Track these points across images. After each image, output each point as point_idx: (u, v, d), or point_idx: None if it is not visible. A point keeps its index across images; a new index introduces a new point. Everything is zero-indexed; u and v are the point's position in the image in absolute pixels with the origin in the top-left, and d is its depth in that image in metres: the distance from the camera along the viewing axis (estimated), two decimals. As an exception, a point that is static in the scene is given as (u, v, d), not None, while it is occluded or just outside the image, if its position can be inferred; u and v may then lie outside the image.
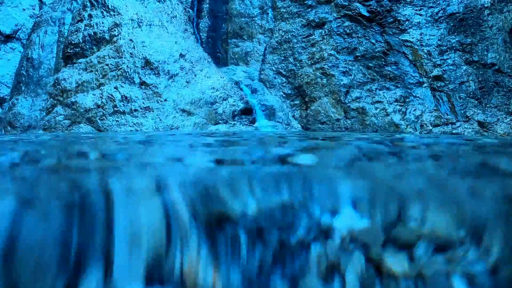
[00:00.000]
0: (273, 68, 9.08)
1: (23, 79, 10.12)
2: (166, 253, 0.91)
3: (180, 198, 1.01)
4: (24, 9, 12.31)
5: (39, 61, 10.27)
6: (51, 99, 9.06)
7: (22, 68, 10.31)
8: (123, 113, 8.07)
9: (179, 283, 0.87)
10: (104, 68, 8.82)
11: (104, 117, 8.10)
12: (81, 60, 9.30)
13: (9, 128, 9.44)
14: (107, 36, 9.38)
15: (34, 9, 12.38)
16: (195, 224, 0.93)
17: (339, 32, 8.48)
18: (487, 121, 8.10)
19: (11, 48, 11.58)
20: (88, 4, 10.11)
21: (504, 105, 8.28)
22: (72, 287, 0.84)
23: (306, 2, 9.05)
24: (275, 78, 8.97)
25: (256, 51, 9.72)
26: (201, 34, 10.65)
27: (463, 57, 8.34)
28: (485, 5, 8.61)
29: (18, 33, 11.79)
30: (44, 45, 10.48)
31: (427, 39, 8.38)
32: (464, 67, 8.26)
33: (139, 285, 0.88)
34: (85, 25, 9.71)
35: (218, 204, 0.97)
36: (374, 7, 8.43)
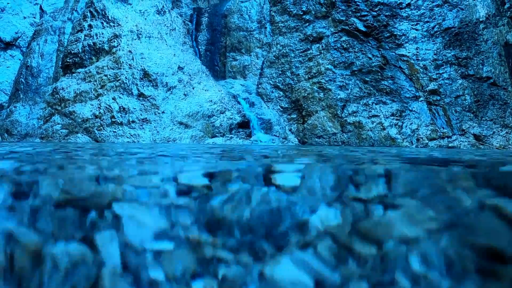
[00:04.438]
0: (271, 82, 9.06)
1: (22, 86, 10.13)
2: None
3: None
4: (24, 17, 12.35)
5: (38, 70, 10.29)
6: (49, 108, 9.09)
7: (21, 76, 10.34)
8: (121, 124, 8.09)
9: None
10: (102, 79, 8.85)
11: (101, 127, 8.12)
12: (80, 70, 9.35)
13: (6, 135, 9.43)
14: (106, 47, 9.41)
15: (34, 18, 12.39)
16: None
17: (336, 47, 8.47)
18: (483, 134, 8.09)
19: (10, 55, 11.54)
20: (89, 14, 10.09)
21: (500, 118, 8.26)
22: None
23: (304, 16, 9.06)
24: (272, 92, 8.94)
25: (254, 65, 9.69)
26: (199, 47, 10.63)
27: (459, 71, 8.35)
28: (480, 20, 8.64)
29: (18, 41, 11.77)
30: (43, 53, 10.51)
31: (423, 54, 8.39)
32: (460, 81, 8.27)
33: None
34: (85, 35, 9.75)
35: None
36: (371, 22, 8.43)
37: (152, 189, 1.22)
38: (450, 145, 7.91)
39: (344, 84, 8.17)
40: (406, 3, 8.68)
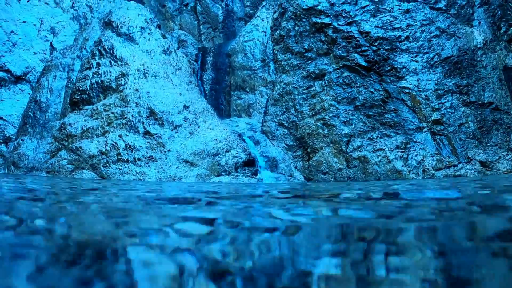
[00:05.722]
0: (275, 119, 9.19)
1: (30, 120, 10.29)
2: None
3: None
4: (35, 53, 12.57)
5: (46, 105, 10.48)
6: (56, 142, 9.20)
7: (30, 110, 10.53)
8: (127, 161, 8.14)
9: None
10: (109, 116, 8.98)
11: (107, 164, 8.17)
12: (87, 106, 9.50)
13: (12, 167, 9.51)
14: (113, 85, 9.58)
15: (45, 54, 12.65)
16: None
17: (338, 83, 8.62)
18: (489, 160, 8.11)
19: (20, 89, 11.68)
20: (97, 52, 10.29)
21: (504, 142, 8.28)
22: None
23: (306, 54, 9.26)
24: (277, 129, 9.06)
25: (258, 103, 9.83)
26: (204, 86, 10.82)
27: (461, 99, 8.43)
28: (478, 46, 8.77)
29: (28, 75, 11.94)
30: (52, 89, 10.73)
31: (424, 84, 8.50)
32: (462, 109, 8.34)
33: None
34: (93, 73, 9.95)
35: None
36: (371, 56, 8.59)
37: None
38: (456, 173, 7.93)
39: (348, 119, 8.28)
40: (405, 36, 8.84)
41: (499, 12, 9.17)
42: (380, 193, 3.86)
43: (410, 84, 8.43)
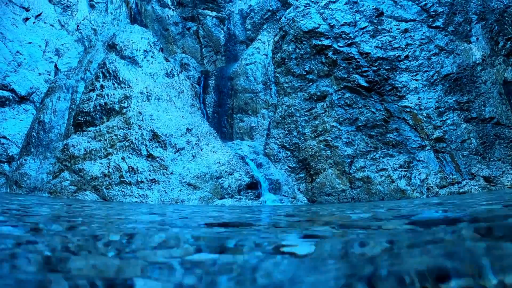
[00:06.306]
0: (278, 142, 9.25)
1: (33, 140, 10.36)
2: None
3: None
4: (40, 74, 12.77)
5: (50, 125, 10.57)
6: (58, 163, 9.25)
7: (33, 130, 10.60)
8: (129, 183, 8.15)
9: None
10: (112, 138, 9.04)
11: (110, 186, 8.19)
12: (90, 128, 9.60)
13: (14, 187, 9.53)
14: (117, 107, 9.68)
15: (49, 75, 12.86)
16: None
17: (340, 104, 8.69)
18: (493, 175, 8.10)
19: (24, 109, 11.84)
20: (101, 75, 10.38)
21: (508, 157, 8.29)
22: None
23: (307, 76, 9.36)
24: (279, 152, 9.12)
25: (260, 126, 9.89)
26: (207, 109, 10.91)
27: (462, 116, 8.46)
28: (477, 62, 8.83)
29: (32, 96, 12.12)
30: (56, 110, 10.85)
31: (425, 103, 8.54)
32: (464, 125, 8.36)
33: None
34: (97, 95, 10.06)
35: None
36: (372, 76, 8.67)
37: None
38: (461, 190, 7.93)
39: (350, 140, 8.33)
40: (404, 55, 8.92)
41: (496, 27, 9.24)
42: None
43: (411, 103, 8.46)
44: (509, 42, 9.11)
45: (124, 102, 9.60)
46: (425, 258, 1.63)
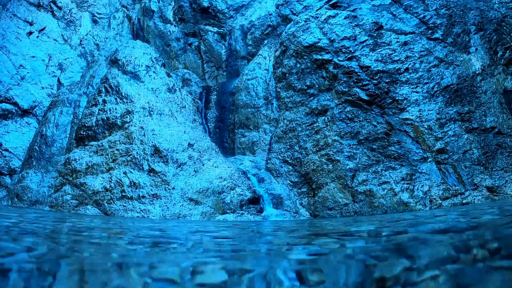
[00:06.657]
0: (279, 156, 9.29)
1: (35, 154, 10.37)
2: None
3: None
4: (43, 87, 12.80)
5: (52, 139, 10.57)
6: (60, 177, 9.27)
7: (35, 144, 10.62)
8: (131, 198, 8.14)
9: None
10: (114, 153, 9.06)
11: (111, 201, 8.19)
12: (93, 143, 9.62)
13: (16, 200, 9.52)
14: (119, 122, 9.73)
15: (52, 89, 12.90)
16: None
17: (341, 118, 8.74)
18: (496, 184, 8.11)
19: (27, 122, 11.83)
20: (103, 90, 10.45)
21: (510, 166, 8.31)
22: None
23: (308, 91, 9.43)
24: (281, 166, 9.16)
25: (262, 141, 9.95)
26: (209, 124, 10.97)
27: (463, 126, 8.48)
28: (477, 72, 8.87)
29: (35, 109, 12.13)
30: (58, 124, 10.88)
31: (426, 115, 8.57)
32: (466, 136, 8.38)
33: None
34: (99, 110, 10.13)
35: None
36: (373, 90, 8.72)
37: None
38: (464, 201, 7.92)
39: (352, 154, 8.36)
40: (404, 68, 8.98)
41: (495, 37, 9.29)
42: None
43: (412, 115, 8.50)
44: (508, 51, 9.16)
45: (126, 117, 9.65)
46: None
